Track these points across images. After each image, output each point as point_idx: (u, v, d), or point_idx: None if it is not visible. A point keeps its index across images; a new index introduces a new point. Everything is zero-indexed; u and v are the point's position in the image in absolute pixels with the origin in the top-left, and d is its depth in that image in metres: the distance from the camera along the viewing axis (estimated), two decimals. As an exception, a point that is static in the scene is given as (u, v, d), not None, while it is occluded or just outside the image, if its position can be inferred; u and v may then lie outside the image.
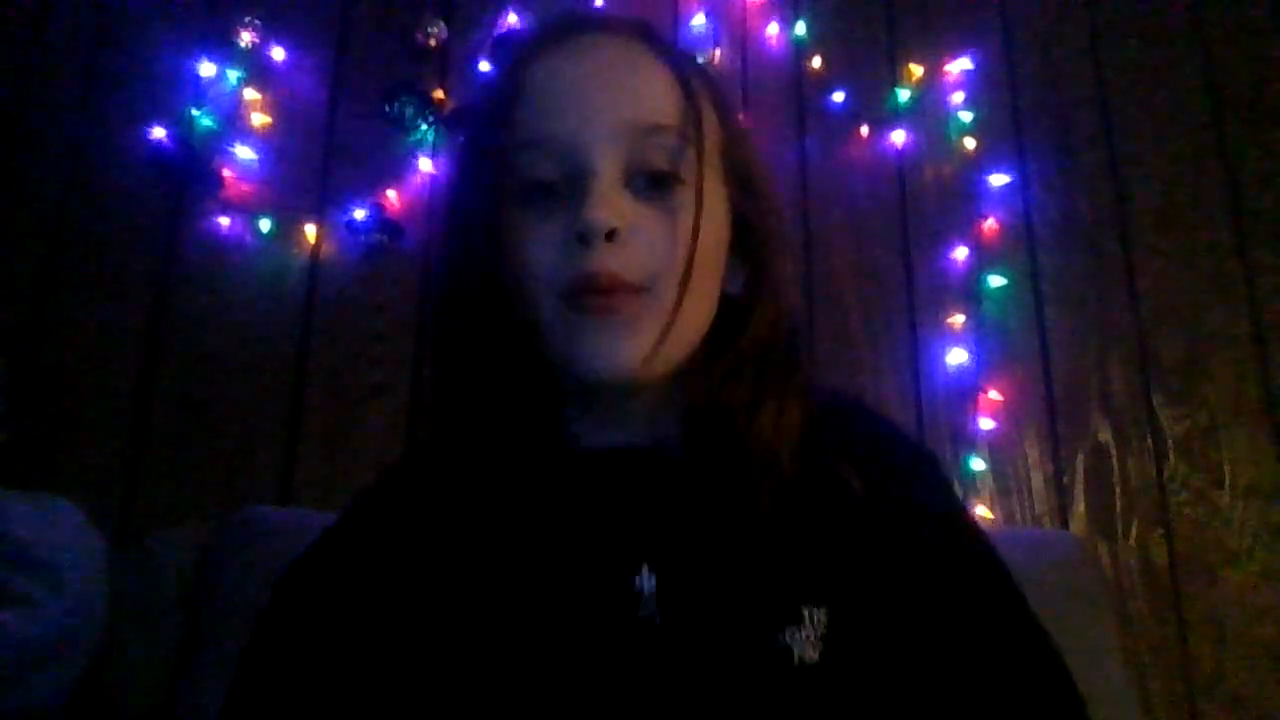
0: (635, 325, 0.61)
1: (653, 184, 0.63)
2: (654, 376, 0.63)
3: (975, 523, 0.67)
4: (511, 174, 0.64)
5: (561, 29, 0.68)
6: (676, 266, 0.62)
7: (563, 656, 0.58)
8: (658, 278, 0.62)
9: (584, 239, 0.60)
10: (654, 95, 0.64)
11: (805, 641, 0.57)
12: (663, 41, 0.69)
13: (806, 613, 0.58)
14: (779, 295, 0.68)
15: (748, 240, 0.69)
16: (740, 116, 0.70)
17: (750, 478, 0.61)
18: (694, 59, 0.70)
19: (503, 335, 0.64)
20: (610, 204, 0.61)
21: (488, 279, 0.64)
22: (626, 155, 0.62)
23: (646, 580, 0.59)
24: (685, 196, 0.63)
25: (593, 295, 0.60)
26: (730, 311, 0.68)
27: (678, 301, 0.62)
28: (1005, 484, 1.56)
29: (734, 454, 0.62)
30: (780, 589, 0.59)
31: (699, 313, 0.65)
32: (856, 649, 0.58)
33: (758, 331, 0.66)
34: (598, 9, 0.69)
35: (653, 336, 0.61)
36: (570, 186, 0.62)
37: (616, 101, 0.63)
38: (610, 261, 0.60)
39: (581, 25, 0.69)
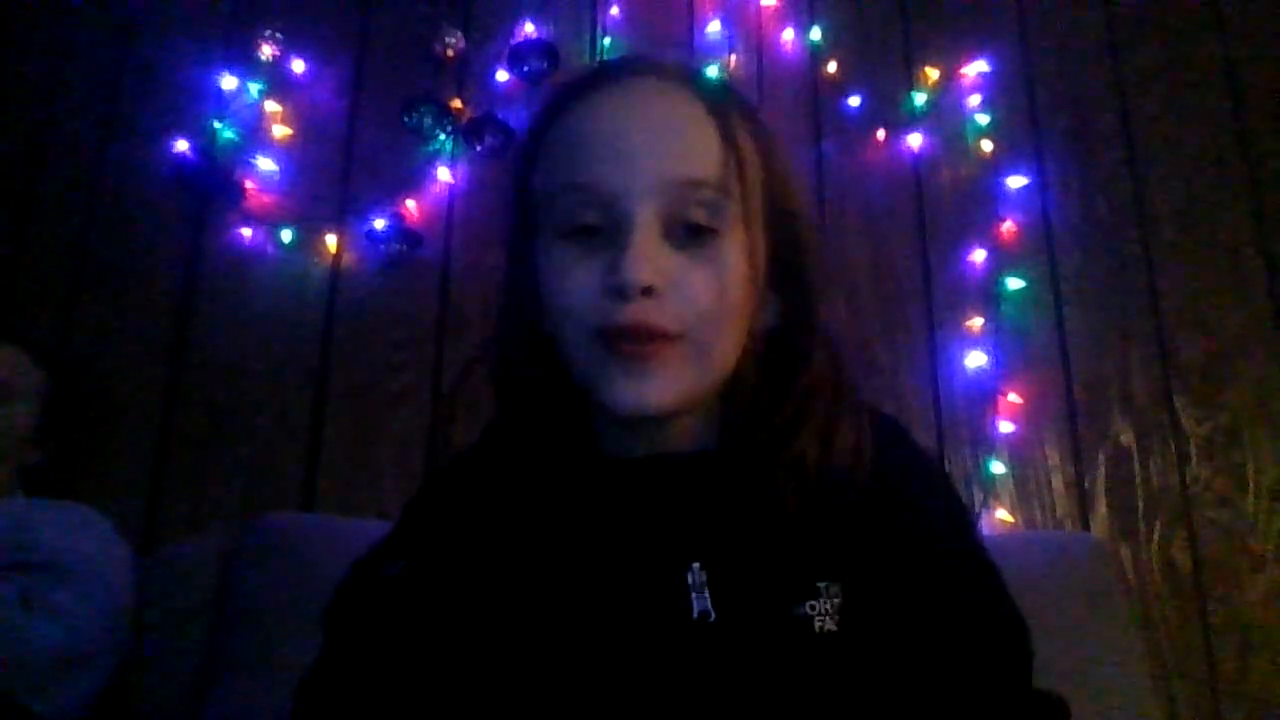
0: (665, 370, 0.63)
1: (691, 234, 0.64)
2: (682, 409, 0.65)
3: (969, 525, 0.70)
4: (554, 214, 0.65)
5: (605, 73, 0.69)
6: (712, 315, 0.63)
7: (621, 648, 0.61)
8: (692, 326, 0.63)
9: (621, 293, 0.61)
10: (695, 148, 0.64)
11: (822, 614, 0.60)
12: (707, 83, 0.70)
13: (821, 587, 0.61)
14: (824, 328, 0.69)
15: (784, 275, 0.69)
16: (781, 149, 0.71)
17: (779, 485, 0.63)
18: (736, 97, 0.72)
19: (540, 357, 0.69)
20: (649, 258, 0.61)
21: (528, 308, 0.68)
22: (667, 207, 0.63)
23: (698, 575, 0.61)
24: (723, 246, 0.64)
25: (626, 342, 0.62)
26: (771, 339, 0.69)
27: (709, 347, 0.64)
28: (1026, 487, 1.55)
29: (767, 466, 0.64)
30: (801, 570, 0.61)
31: (728, 350, 0.66)
32: (868, 620, 0.61)
33: (816, 368, 0.67)
34: (643, 55, 0.73)
35: (682, 379, 0.63)
36: (611, 231, 0.63)
37: (658, 153, 0.63)
38: (645, 315, 0.61)
39: (626, 69, 0.69)
